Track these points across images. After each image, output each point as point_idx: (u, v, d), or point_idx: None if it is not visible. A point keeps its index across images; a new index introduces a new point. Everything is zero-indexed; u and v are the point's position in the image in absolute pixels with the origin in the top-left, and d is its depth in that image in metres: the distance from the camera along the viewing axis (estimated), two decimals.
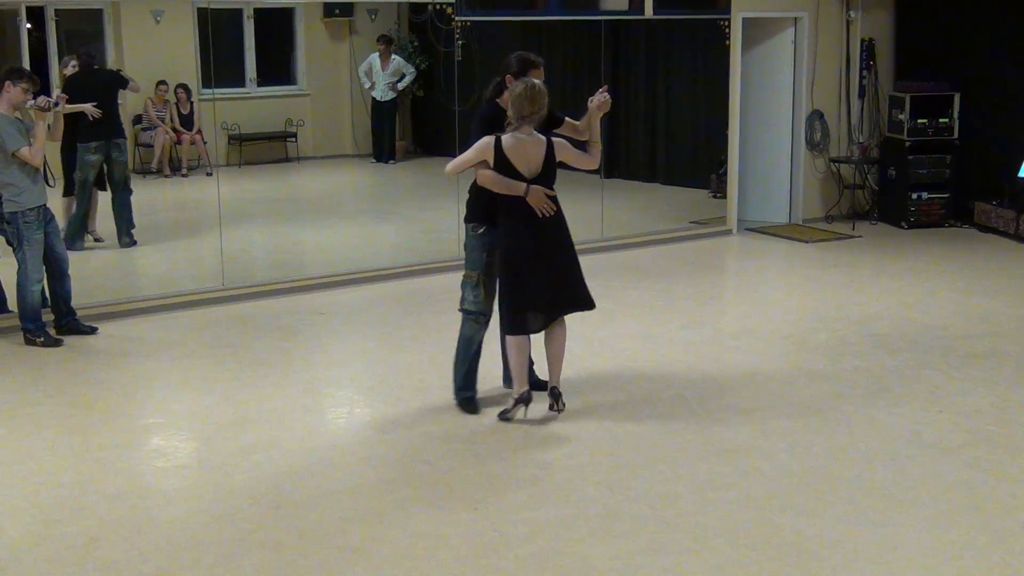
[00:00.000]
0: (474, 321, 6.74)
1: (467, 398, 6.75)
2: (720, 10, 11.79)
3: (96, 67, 10.50)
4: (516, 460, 6.02)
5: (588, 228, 11.12)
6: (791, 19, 12.23)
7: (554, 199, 6.41)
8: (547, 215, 6.35)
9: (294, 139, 13.77)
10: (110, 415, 6.77)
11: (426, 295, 9.60)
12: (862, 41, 12.63)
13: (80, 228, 10.50)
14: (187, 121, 12.45)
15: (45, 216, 8.11)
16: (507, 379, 6.89)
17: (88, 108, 10.11)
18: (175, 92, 12.44)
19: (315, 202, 13.65)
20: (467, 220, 6.76)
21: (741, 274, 10.85)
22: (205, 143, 12.47)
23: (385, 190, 14.44)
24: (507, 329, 6.60)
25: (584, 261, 6.73)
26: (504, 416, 6.53)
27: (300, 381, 7.37)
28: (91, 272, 10.19)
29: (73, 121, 10.02)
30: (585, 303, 6.59)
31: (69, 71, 10.43)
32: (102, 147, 10.36)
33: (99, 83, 10.41)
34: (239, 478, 5.79)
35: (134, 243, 10.68)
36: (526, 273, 6.42)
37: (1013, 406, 6.76)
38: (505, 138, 6.32)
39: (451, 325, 8.59)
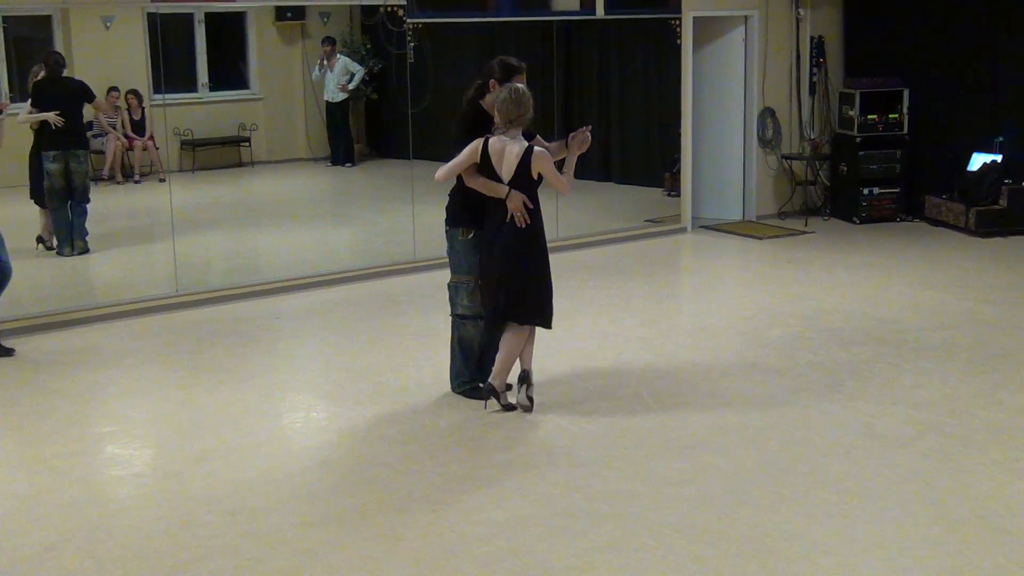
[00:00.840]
0: (472, 324, 6.83)
1: (477, 387, 6.85)
2: (671, 9, 11.85)
3: (64, 75, 10.40)
4: (474, 461, 6.02)
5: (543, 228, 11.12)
6: (741, 17, 12.31)
7: (531, 212, 6.50)
8: (520, 224, 6.42)
9: (247, 144, 13.70)
10: (64, 424, 6.71)
11: (383, 298, 9.59)
12: (812, 38, 12.73)
13: (68, 233, 10.46)
14: (139, 127, 12.35)
15: None
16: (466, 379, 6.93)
17: (51, 116, 10.04)
18: (126, 98, 12.33)
19: (269, 206, 13.59)
20: (453, 225, 6.77)
21: (696, 272, 10.90)
22: (157, 149, 12.38)
23: (340, 193, 14.40)
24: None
25: None
26: (509, 406, 6.66)
27: (256, 386, 7.33)
28: (44, 280, 10.11)
29: (39, 129, 9.97)
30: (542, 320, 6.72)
31: (40, 78, 10.34)
32: (61, 156, 10.28)
33: (66, 92, 10.32)
34: (195, 485, 5.76)
35: (87, 251, 10.59)
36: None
37: (965, 398, 6.83)
38: (491, 140, 6.45)
39: (408, 327, 8.61)
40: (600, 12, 11.42)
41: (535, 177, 6.51)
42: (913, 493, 5.49)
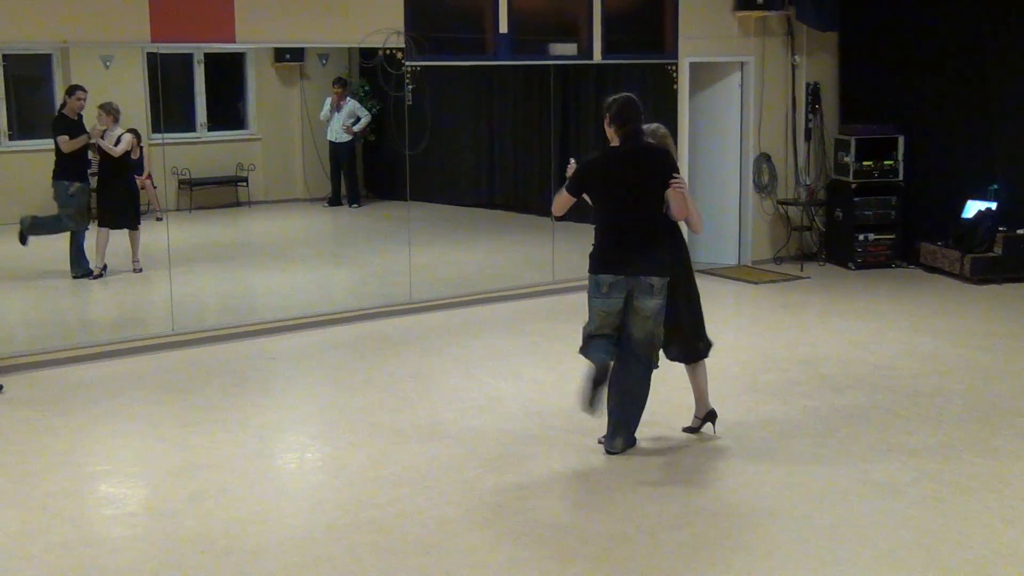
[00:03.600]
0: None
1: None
2: (667, 55, 11.94)
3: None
4: (468, 503, 6.01)
5: (539, 271, 11.16)
6: (738, 64, 12.40)
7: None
8: None
9: (245, 183, 13.72)
10: (57, 462, 6.69)
11: (378, 339, 9.59)
12: (807, 85, 12.83)
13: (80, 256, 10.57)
14: (137, 166, 12.38)
15: None
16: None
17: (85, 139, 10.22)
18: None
19: (266, 246, 13.61)
20: (666, 275, 6.59)
21: None
22: (155, 188, 12.40)
23: (337, 234, 14.43)
24: (703, 355, 6.93)
25: (536, 304, 6.77)
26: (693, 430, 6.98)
27: (250, 426, 7.32)
28: (39, 317, 10.11)
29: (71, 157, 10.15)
30: None
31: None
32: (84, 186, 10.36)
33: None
34: (188, 525, 5.74)
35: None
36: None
37: (960, 444, 6.83)
38: None
39: (402, 368, 8.61)
40: (597, 57, 11.51)
41: None
42: (907, 540, 5.48)
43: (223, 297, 11.31)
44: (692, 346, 6.89)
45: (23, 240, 10.25)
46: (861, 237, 12.32)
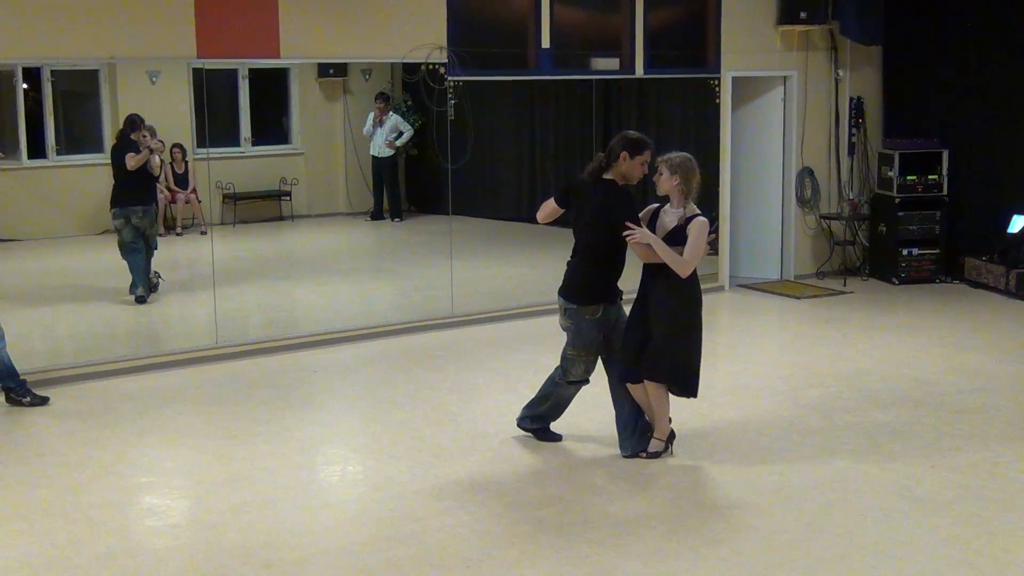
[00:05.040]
0: (577, 387, 7.07)
1: (545, 429, 7.22)
2: (710, 69, 11.92)
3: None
4: (509, 517, 6.01)
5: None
6: (781, 78, 12.36)
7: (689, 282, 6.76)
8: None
9: (288, 198, 13.82)
10: (102, 473, 6.76)
11: (420, 353, 9.62)
12: (851, 99, 12.76)
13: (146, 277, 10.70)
14: (182, 180, 12.50)
15: None
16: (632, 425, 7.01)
17: (147, 155, 10.37)
18: (171, 152, 12.48)
19: (309, 260, 13.69)
20: (582, 303, 6.80)
21: (733, 330, 10.87)
22: (200, 202, 12.51)
23: (379, 248, 14.49)
24: (688, 391, 6.81)
25: None
26: (653, 454, 6.82)
27: (293, 439, 7.36)
28: (84, 330, 10.21)
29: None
30: None
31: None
32: (129, 212, 10.48)
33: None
34: (231, 537, 5.78)
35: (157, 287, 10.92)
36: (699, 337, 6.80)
37: (1005, 461, 6.77)
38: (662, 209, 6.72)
39: (444, 382, 8.63)
40: (639, 72, 11.51)
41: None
42: (950, 557, 5.44)
43: (266, 310, 11.38)
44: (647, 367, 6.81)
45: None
46: (905, 252, 12.23)
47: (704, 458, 6.88)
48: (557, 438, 7.17)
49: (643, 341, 6.69)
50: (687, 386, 6.78)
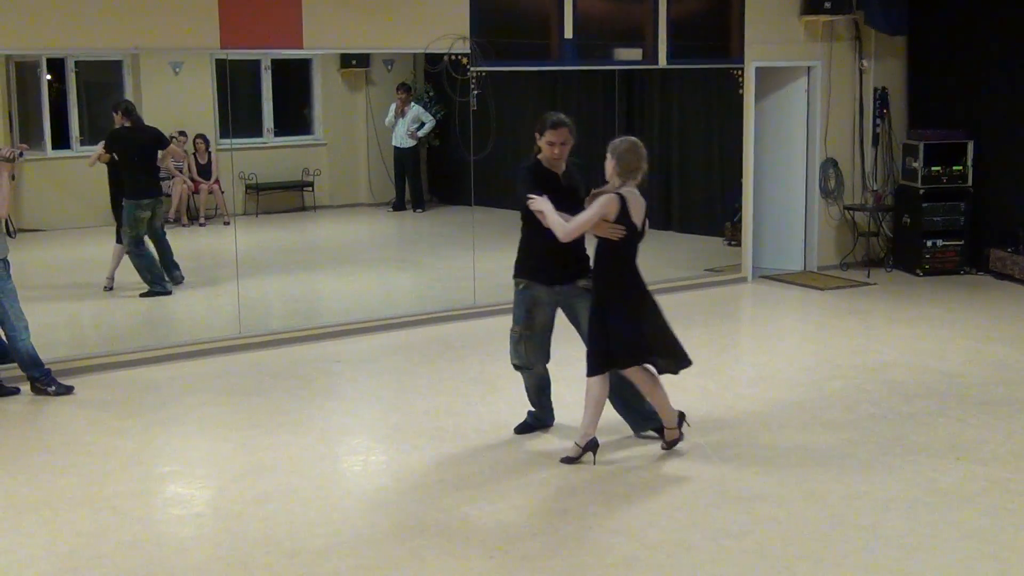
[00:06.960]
0: (528, 377, 7.07)
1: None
2: (733, 60, 11.88)
3: (143, 124, 10.62)
4: (532, 507, 6.02)
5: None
6: (804, 68, 12.30)
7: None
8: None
9: (311, 188, 13.83)
10: (126, 463, 6.79)
11: (442, 343, 9.63)
12: (875, 89, 12.70)
13: (159, 272, 10.66)
14: (205, 171, 12.53)
15: (8, 268, 7.99)
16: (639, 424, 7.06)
17: (97, 157, 10.33)
18: (194, 142, 12.52)
19: (331, 251, 13.71)
20: (513, 275, 6.94)
21: (756, 322, 10.85)
22: (223, 192, 12.54)
23: (402, 239, 14.50)
24: (636, 360, 6.70)
25: None
26: (672, 443, 6.80)
27: (316, 429, 7.38)
28: (108, 320, 10.25)
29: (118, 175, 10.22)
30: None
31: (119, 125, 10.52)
32: (151, 204, 10.47)
33: (145, 139, 10.53)
34: (255, 526, 5.80)
35: (183, 278, 10.89)
36: (648, 324, 6.71)
37: None
38: (624, 192, 6.49)
39: (466, 372, 8.64)
40: (663, 62, 11.48)
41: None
42: (975, 550, 5.41)
43: (289, 301, 11.41)
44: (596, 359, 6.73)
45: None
46: (929, 243, 12.17)
47: (727, 449, 6.87)
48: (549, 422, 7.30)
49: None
50: (638, 357, 6.65)
